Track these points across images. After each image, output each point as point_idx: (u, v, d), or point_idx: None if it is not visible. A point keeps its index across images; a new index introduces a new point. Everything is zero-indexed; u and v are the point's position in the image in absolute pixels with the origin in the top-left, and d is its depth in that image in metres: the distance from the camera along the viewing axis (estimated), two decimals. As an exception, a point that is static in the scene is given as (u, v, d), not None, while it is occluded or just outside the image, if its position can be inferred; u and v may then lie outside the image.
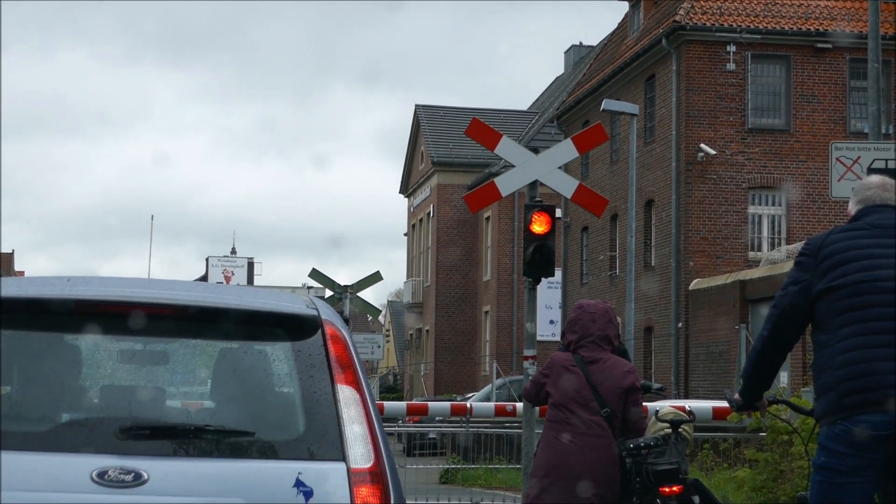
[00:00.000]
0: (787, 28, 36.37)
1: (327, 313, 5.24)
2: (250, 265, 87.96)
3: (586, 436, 9.03)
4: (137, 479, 4.67)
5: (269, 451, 4.87)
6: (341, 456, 4.86)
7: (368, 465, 4.88)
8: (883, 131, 19.68)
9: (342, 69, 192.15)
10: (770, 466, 12.68)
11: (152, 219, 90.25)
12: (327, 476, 4.82)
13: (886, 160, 16.51)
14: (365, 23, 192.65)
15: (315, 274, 34.98)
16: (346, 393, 4.98)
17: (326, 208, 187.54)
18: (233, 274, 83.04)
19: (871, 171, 15.90)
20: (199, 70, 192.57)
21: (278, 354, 5.14)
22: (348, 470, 4.84)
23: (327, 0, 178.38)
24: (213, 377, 5.20)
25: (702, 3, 36.69)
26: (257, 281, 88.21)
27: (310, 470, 4.81)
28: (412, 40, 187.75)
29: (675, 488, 9.09)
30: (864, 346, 6.14)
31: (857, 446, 6.10)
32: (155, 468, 4.69)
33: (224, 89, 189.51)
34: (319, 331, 5.11)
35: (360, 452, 4.89)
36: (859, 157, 16.49)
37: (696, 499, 9.19)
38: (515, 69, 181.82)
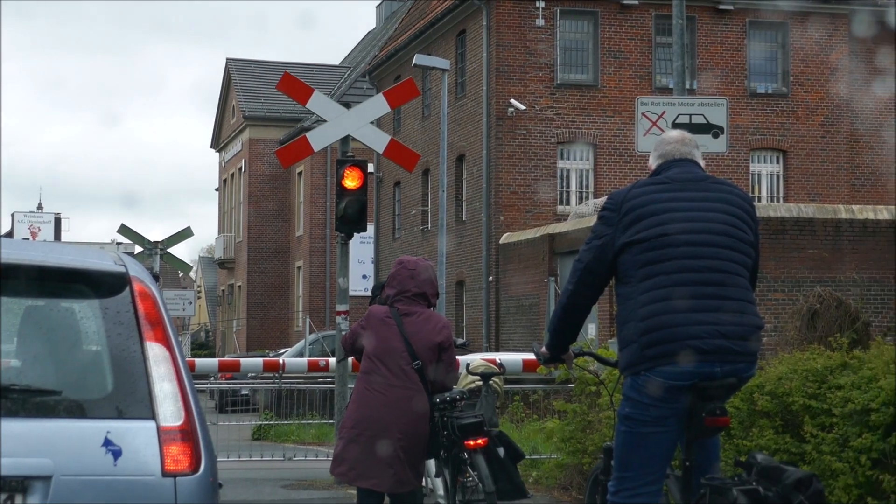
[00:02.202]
0: (595, -15, 36.79)
1: (136, 270, 5.18)
2: (57, 221, 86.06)
3: (396, 388, 9.10)
4: (-60, 441, 4.57)
5: (76, 411, 4.80)
6: (151, 414, 4.83)
7: (178, 423, 4.85)
8: (687, 86, 20.07)
9: (157, 23, 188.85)
10: (578, 417, 12.90)
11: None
12: (136, 435, 4.78)
13: (690, 115, 16.86)
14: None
15: (124, 230, 34.48)
16: (155, 350, 4.94)
17: (139, 163, 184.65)
18: (39, 230, 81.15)
19: (675, 125, 16.23)
20: (11, 21, 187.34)
21: (85, 312, 5.06)
22: (158, 428, 4.81)
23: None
24: (19, 335, 5.11)
25: (511, -42, 36.89)
26: (65, 237, 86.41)
27: (118, 429, 4.76)
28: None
29: (479, 441, 9.22)
30: (663, 298, 6.26)
31: (659, 396, 6.24)
32: (-42, 429, 4.60)
33: (35, 42, 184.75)
34: (127, 287, 5.05)
35: (169, 410, 4.85)
36: (664, 112, 16.80)
37: (501, 450, 9.33)
38: (327, 24, 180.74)
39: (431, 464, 10.09)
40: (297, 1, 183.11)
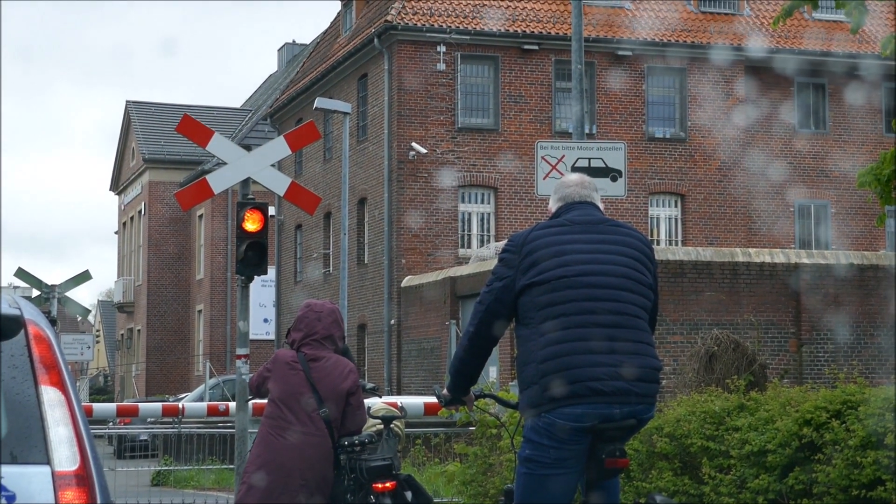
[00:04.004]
0: (494, 30, 37.09)
1: (31, 313, 5.11)
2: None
3: (302, 434, 9.05)
4: None
5: (-32, 456, 4.72)
6: (45, 459, 4.75)
7: (74, 468, 4.78)
8: (586, 131, 20.27)
9: (58, 65, 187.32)
10: (479, 460, 12.91)
11: None
12: (31, 480, 4.70)
13: (589, 159, 17.01)
14: (78, 16, 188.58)
15: (21, 273, 34.07)
16: (50, 394, 4.86)
17: (37, 206, 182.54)
18: (-67, 274, 79.87)
19: (574, 169, 16.36)
20: None
21: (-22, 356, 4.98)
22: (53, 473, 4.74)
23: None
24: (-89, 380, 5.02)
25: (412, 3, 37.09)
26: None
27: (12, 474, 4.68)
28: (126, 35, 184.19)
29: (388, 484, 9.18)
30: (564, 339, 6.29)
31: (559, 438, 6.25)
32: None
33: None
34: (22, 331, 4.98)
35: (65, 455, 4.78)
36: (563, 156, 16.93)
37: (409, 494, 9.30)
38: (229, 67, 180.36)
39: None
40: (198, 45, 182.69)
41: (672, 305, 25.16)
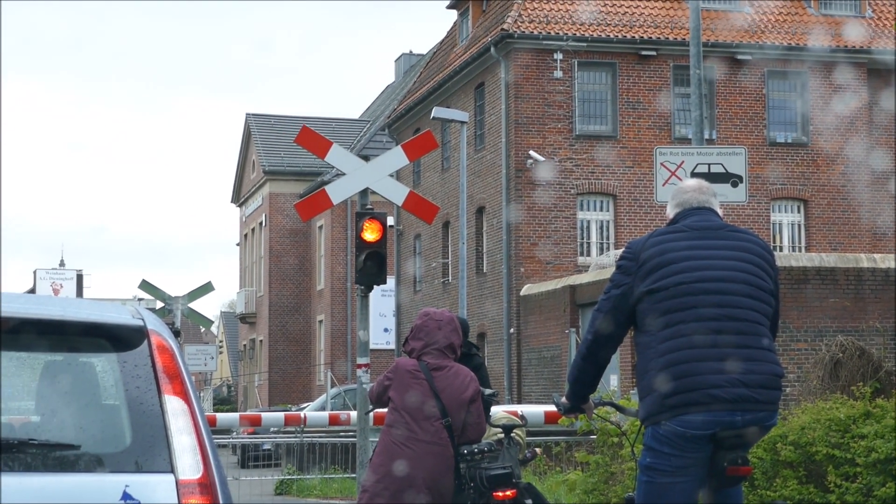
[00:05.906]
0: (612, 36, 36.94)
1: (154, 323, 5.18)
2: (79, 277, 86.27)
3: (425, 443, 9.03)
4: (-41, 497, 4.56)
5: (95, 465, 4.79)
6: (169, 467, 4.81)
7: (197, 476, 4.83)
8: (706, 136, 20.09)
9: (176, 77, 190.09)
10: (601, 469, 12.86)
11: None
12: (155, 488, 4.76)
13: (709, 164, 16.87)
14: (198, 32, 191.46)
15: (145, 285, 34.62)
16: (173, 404, 4.92)
17: (159, 219, 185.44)
18: (61, 287, 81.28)
19: (693, 175, 16.23)
20: (37, 78, 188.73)
21: (104, 366, 5.06)
22: (177, 481, 4.79)
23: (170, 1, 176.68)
24: (39, 390, 5.11)
25: (529, 11, 37.07)
26: (87, 294, 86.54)
27: (137, 482, 4.74)
28: (245, 48, 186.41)
29: (508, 493, 9.16)
30: (685, 346, 6.24)
31: (680, 446, 6.20)
32: (-23, 485, 4.59)
33: (51, 97, 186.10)
34: (145, 341, 5.04)
35: (188, 463, 4.83)
36: (683, 162, 16.81)
37: (529, 502, 9.28)
38: (347, 78, 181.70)
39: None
40: (316, 57, 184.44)
41: (796, 312, 24.84)
